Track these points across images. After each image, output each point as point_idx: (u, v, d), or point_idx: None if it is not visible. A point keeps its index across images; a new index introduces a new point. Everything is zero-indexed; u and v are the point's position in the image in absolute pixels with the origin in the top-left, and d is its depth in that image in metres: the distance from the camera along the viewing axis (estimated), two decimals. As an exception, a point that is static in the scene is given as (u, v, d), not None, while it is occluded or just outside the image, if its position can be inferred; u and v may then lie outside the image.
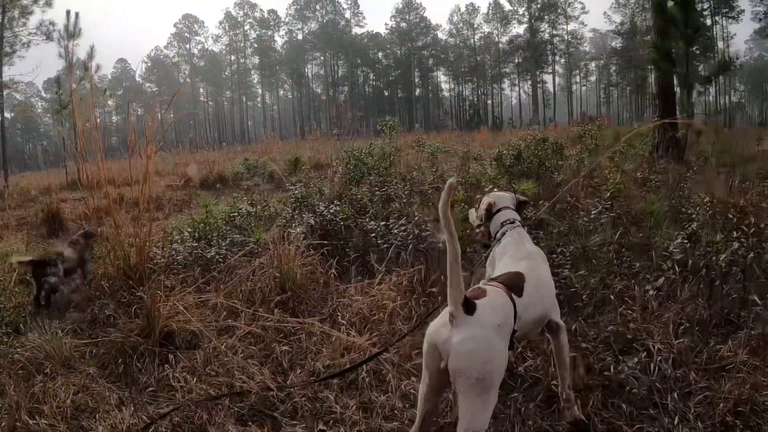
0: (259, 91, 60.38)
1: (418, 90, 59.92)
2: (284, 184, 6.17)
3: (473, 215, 2.31)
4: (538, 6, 50.17)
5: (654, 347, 2.21)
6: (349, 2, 56.63)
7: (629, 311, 2.55)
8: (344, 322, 2.70)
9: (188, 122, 41.85)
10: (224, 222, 4.16)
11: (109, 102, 48.39)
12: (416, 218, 3.52)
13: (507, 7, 52.34)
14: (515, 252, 1.94)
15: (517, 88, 56.90)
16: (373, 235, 3.49)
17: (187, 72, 57.07)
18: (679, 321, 2.43)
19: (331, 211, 3.72)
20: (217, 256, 3.39)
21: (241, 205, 4.53)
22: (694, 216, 3.20)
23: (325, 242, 3.56)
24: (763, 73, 43.61)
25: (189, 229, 3.91)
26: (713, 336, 2.40)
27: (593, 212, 3.52)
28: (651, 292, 2.61)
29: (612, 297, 2.69)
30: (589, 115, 24.59)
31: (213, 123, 57.14)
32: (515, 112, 52.30)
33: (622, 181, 4.23)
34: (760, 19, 36.68)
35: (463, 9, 56.41)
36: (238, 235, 3.72)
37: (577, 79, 57.13)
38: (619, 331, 2.38)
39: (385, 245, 3.39)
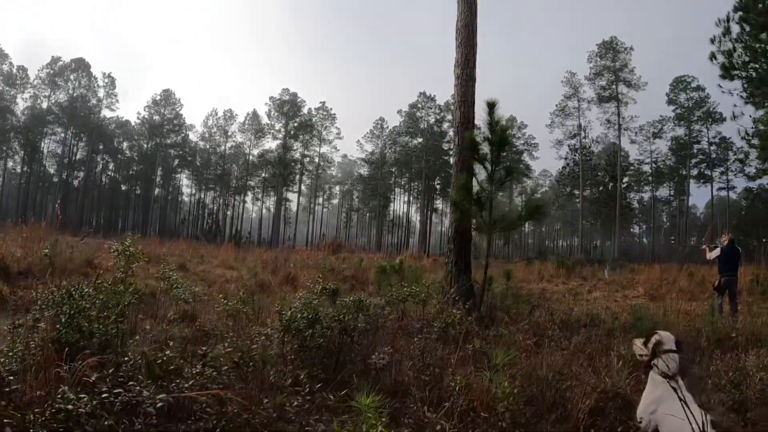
0: (-14, 158, 50.15)
1: (158, 189, 54.02)
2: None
3: None
4: (296, 125, 50.76)
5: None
6: (106, 81, 50.19)
7: None
8: None
9: None
10: None
11: None
12: None
13: (264, 120, 51.78)
14: None
15: (260, 203, 55.18)
16: None
17: None
18: None
19: None
20: None
21: None
22: None
23: None
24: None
25: None
26: None
27: None
28: None
29: None
30: (338, 242, 24.35)
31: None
32: (255, 227, 50.72)
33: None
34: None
35: (220, 114, 53.95)
36: None
37: (320, 200, 59.11)
38: None
39: None
